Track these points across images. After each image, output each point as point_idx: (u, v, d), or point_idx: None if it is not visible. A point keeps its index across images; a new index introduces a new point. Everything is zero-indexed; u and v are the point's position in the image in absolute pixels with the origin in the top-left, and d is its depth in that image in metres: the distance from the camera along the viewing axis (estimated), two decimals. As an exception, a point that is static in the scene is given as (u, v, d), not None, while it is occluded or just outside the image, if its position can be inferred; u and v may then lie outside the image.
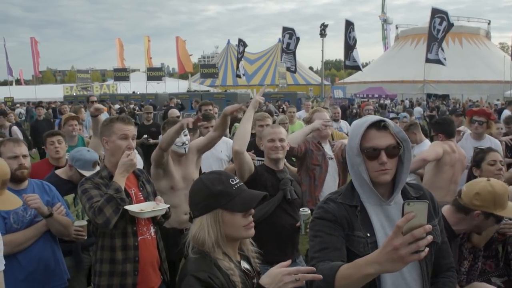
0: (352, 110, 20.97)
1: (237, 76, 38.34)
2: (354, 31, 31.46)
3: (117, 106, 18.53)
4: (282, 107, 18.24)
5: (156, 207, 2.57)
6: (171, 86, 37.37)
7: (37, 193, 2.64)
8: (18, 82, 54.05)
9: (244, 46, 36.31)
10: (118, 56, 43.45)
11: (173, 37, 53.05)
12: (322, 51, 35.89)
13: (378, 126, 1.68)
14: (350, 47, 31.40)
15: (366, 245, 1.64)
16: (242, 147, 2.89)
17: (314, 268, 1.45)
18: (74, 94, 32.96)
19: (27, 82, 60.13)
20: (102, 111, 3.73)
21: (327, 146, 4.05)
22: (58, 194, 2.89)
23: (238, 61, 37.01)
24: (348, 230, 1.67)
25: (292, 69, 34.21)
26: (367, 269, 1.32)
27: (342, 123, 7.45)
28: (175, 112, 7.52)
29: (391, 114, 16.70)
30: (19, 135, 7.73)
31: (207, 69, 37.86)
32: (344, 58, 32.69)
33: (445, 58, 29.38)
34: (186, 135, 3.45)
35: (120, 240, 2.52)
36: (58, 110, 13.83)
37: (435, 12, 29.91)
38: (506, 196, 2.24)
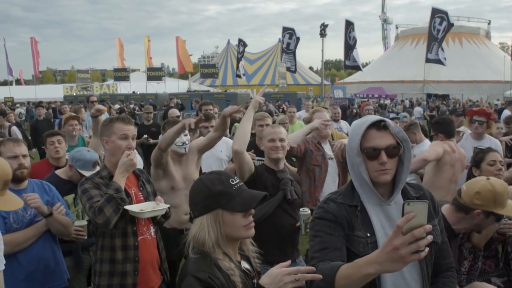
0: (352, 110, 20.97)
1: (237, 76, 38.31)
2: (354, 31, 31.47)
3: (117, 106, 18.53)
4: (282, 107, 18.22)
5: (156, 207, 2.57)
6: (171, 86, 37.36)
7: (37, 193, 2.64)
8: (18, 82, 54.04)
9: (244, 46, 36.29)
10: (118, 56, 43.46)
11: (173, 37, 53.06)
12: (322, 51, 35.92)
13: (378, 126, 1.68)
14: (350, 47, 31.40)
15: (366, 245, 1.64)
16: (242, 147, 2.89)
17: (314, 268, 1.45)
18: (74, 94, 32.97)
19: (27, 82, 60.12)
20: (103, 112, 3.73)
21: (327, 146, 4.05)
22: (58, 194, 2.89)
23: (238, 61, 36.99)
24: (348, 230, 1.67)
25: (292, 69, 34.21)
26: (367, 269, 1.33)
27: (342, 123, 7.46)
28: (175, 112, 7.52)
29: (391, 114, 16.72)
30: (19, 135, 7.72)
31: (207, 69, 37.85)
32: (344, 58, 32.70)
33: (445, 58, 29.39)
34: (186, 135, 3.45)
35: (120, 240, 2.52)
36: (58, 110, 13.85)
37: (435, 12, 29.92)
38: (506, 195, 2.24)
